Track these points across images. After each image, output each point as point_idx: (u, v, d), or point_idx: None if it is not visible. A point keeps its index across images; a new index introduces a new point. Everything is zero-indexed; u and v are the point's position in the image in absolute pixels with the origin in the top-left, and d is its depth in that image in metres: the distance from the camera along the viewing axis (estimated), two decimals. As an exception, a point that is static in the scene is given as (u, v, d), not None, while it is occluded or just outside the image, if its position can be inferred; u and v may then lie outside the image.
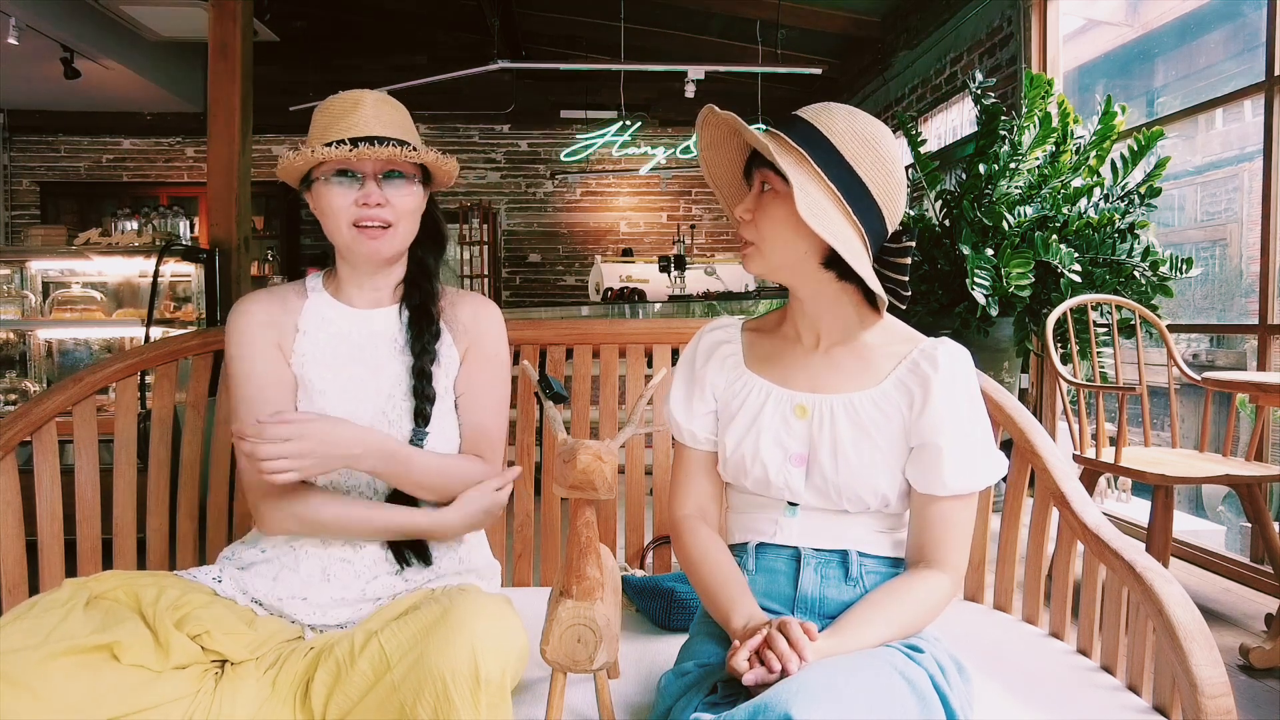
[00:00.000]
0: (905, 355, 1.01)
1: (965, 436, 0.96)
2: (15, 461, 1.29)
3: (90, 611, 0.96)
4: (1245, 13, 3.47)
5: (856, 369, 1.02)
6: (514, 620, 0.96)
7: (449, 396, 1.22)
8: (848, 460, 0.99)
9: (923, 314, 3.50)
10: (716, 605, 0.98)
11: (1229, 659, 2.08)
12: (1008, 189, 3.27)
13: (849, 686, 0.79)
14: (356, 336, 1.20)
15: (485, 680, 0.87)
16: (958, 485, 0.96)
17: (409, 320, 1.21)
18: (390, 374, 1.18)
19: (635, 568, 1.54)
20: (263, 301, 1.21)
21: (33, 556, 1.30)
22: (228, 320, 1.19)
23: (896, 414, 0.99)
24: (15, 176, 7.57)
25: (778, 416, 1.03)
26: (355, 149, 1.10)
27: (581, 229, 7.89)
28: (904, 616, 0.94)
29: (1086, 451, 2.52)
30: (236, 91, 3.72)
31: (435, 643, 0.89)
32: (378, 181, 1.14)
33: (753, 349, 1.10)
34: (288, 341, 1.20)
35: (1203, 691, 0.86)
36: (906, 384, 1.00)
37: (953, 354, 1.00)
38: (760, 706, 0.76)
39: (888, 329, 1.05)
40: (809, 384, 1.04)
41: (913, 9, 5.42)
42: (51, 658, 0.87)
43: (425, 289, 1.23)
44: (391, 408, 1.17)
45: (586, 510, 0.95)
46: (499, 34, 6.14)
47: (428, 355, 1.19)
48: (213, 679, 0.98)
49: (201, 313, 3.63)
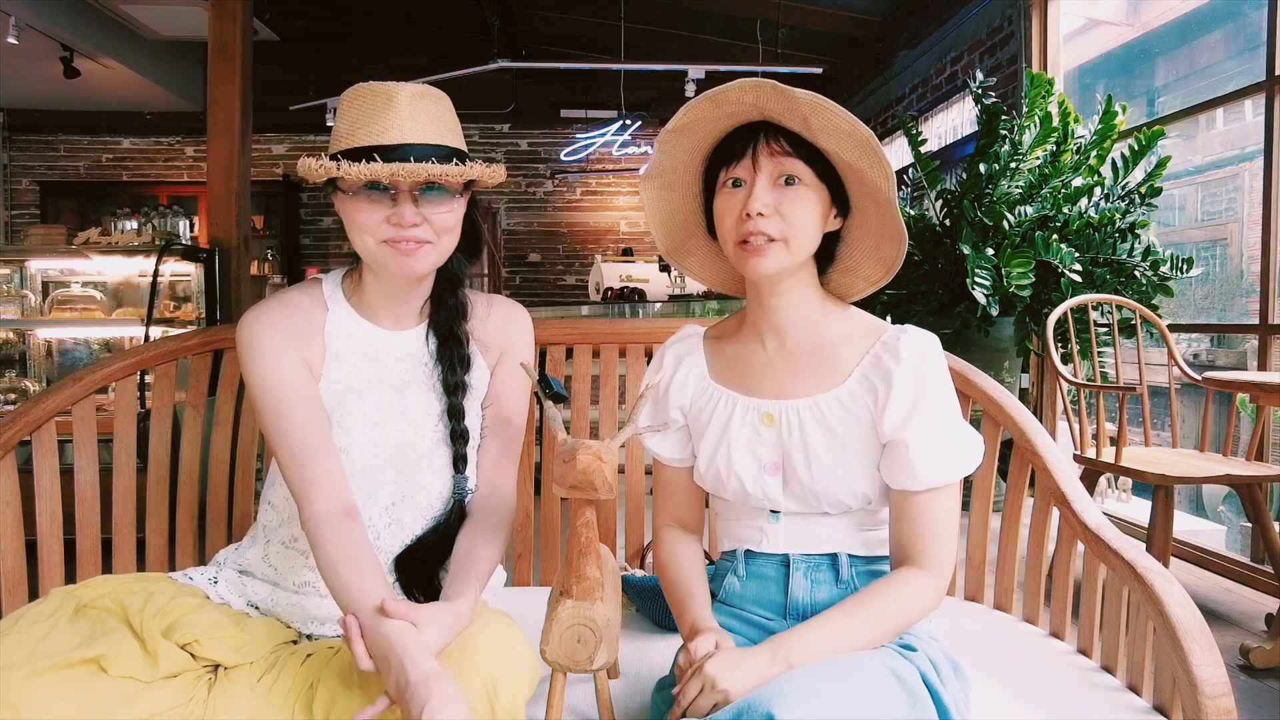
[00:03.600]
0: (869, 349, 0.99)
1: (932, 428, 0.93)
2: (15, 461, 1.29)
3: (77, 623, 0.94)
4: (1246, 12, 3.47)
5: (820, 369, 1.00)
6: (524, 649, 0.97)
7: (478, 422, 1.15)
8: (821, 464, 0.97)
9: (923, 314, 3.50)
10: (675, 614, 1.03)
11: (1229, 659, 2.08)
12: (1008, 189, 3.27)
13: (834, 687, 0.79)
14: (383, 358, 1.10)
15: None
16: (930, 478, 0.94)
17: (438, 350, 1.11)
18: (417, 401, 1.09)
19: (635, 568, 1.53)
20: (278, 314, 1.07)
21: (32, 556, 1.30)
22: (240, 335, 1.06)
23: (864, 411, 0.97)
24: (15, 176, 7.57)
25: (747, 426, 1.01)
26: (387, 166, 0.95)
27: (581, 228, 7.89)
28: (883, 622, 0.92)
29: (1087, 451, 2.52)
30: (236, 91, 3.72)
31: None
32: (414, 198, 1.00)
33: (715, 359, 1.08)
34: (315, 361, 1.07)
35: (1203, 691, 0.86)
36: (870, 379, 0.97)
37: (915, 342, 0.96)
38: (743, 707, 0.77)
39: (851, 319, 1.03)
40: (774, 390, 1.01)
41: (913, 8, 5.41)
42: (37, 674, 0.85)
43: (452, 305, 1.13)
44: (420, 439, 1.09)
45: (586, 510, 0.95)
46: (499, 33, 6.13)
47: (463, 391, 1.10)
48: (205, 686, 0.95)
49: (201, 312, 3.63)
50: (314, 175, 0.99)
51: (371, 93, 1.01)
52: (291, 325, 1.07)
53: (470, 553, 1.03)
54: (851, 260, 1.04)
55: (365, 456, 1.07)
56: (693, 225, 1.10)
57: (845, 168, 0.96)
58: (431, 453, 1.09)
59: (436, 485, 1.10)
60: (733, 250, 0.98)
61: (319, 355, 1.08)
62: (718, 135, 1.00)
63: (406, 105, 1.00)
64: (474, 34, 6.76)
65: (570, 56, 6.64)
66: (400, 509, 1.09)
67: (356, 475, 1.06)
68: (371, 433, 1.07)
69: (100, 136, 7.58)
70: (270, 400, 1.03)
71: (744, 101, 0.93)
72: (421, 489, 1.09)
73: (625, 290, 5.93)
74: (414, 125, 1.00)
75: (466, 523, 1.09)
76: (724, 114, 0.96)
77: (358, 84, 1.02)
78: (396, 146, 0.98)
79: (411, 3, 6.70)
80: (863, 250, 1.02)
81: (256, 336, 1.05)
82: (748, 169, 0.96)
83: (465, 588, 0.97)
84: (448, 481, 1.10)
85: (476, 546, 1.04)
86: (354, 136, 0.99)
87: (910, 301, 3.59)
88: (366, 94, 1.01)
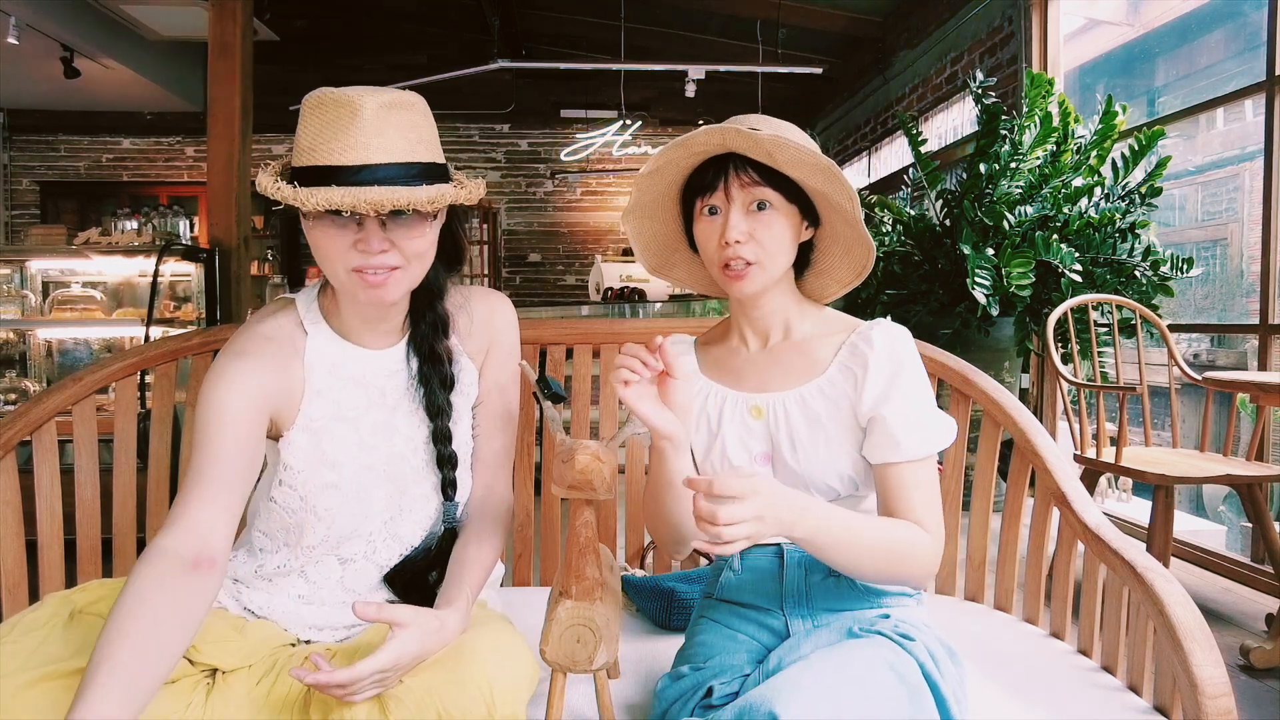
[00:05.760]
0: (844, 341, 1.06)
1: (909, 403, 0.99)
2: (15, 461, 1.29)
3: (71, 630, 0.92)
4: (1246, 12, 3.47)
5: (800, 363, 1.06)
6: (523, 655, 0.96)
7: (469, 429, 1.12)
8: (807, 451, 1.02)
9: (923, 314, 3.50)
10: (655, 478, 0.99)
11: (1229, 659, 2.08)
12: (1008, 188, 3.27)
13: (835, 682, 0.80)
14: (372, 379, 1.06)
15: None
16: (911, 449, 0.97)
17: (419, 372, 1.06)
18: (408, 415, 1.06)
19: (635, 568, 1.53)
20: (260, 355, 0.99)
21: (33, 556, 1.30)
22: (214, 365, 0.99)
23: (844, 397, 1.03)
24: (15, 176, 7.57)
25: (736, 419, 1.07)
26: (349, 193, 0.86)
27: (581, 229, 7.89)
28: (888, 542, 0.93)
29: (1087, 451, 2.52)
30: (236, 91, 3.73)
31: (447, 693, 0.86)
32: (382, 223, 0.92)
33: (705, 359, 1.14)
34: (289, 405, 1.01)
35: (1203, 691, 0.86)
36: (849, 366, 1.03)
37: (888, 331, 1.03)
38: (745, 707, 0.77)
39: (826, 319, 1.10)
40: (759, 385, 1.07)
41: (913, 8, 5.41)
42: (31, 684, 0.83)
43: (431, 320, 1.07)
44: (413, 453, 1.06)
45: (586, 510, 0.95)
46: (499, 33, 6.13)
47: (446, 414, 1.05)
48: (203, 691, 0.93)
49: (201, 312, 3.63)
50: (271, 195, 0.90)
51: (334, 103, 0.91)
52: (268, 362, 0.99)
53: (463, 557, 1.02)
54: (824, 264, 1.12)
55: (359, 481, 1.03)
56: (675, 244, 1.17)
57: (811, 191, 1.03)
58: (424, 469, 1.07)
59: (434, 498, 1.08)
60: (718, 274, 1.05)
61: (298, 389, 1.01)
62: (690, 169, 1.06)
63: (372, 119, 0.90)
64: (474, 34, 6.77)
65: (570, 56, 6.64)
66: (397, 523, 1.07)
67: (349, 501, 1.03)
68: (364, 455, 1.04)
69: (100, 136, 7.59)
70: (201, 424, 0.95)
71: (711, 143, 1.00)
72: (419, 501, 1.07)
73: (625, 290, 5.94)
74: (379, 143, 0.90)
75: (461, 524, 1.08)
76: (694, 154, 1.03)
77: (320, 90, 0.93)
78: (359, 168, 0.89)
79: (411, 3, 6.70)
80: (834, 256, 1.10)
81: (227, 367, 0.97)
82: (721, 198, 1.02)
83: (456, 595, 0.96)
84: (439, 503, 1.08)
85: (470, 549, 1.03)
86: (314, 153, 0.91)
87: (910, 301, 3.59)
88: (329, 104, 0.91)
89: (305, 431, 1.02)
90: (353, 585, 1.06)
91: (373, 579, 1.07)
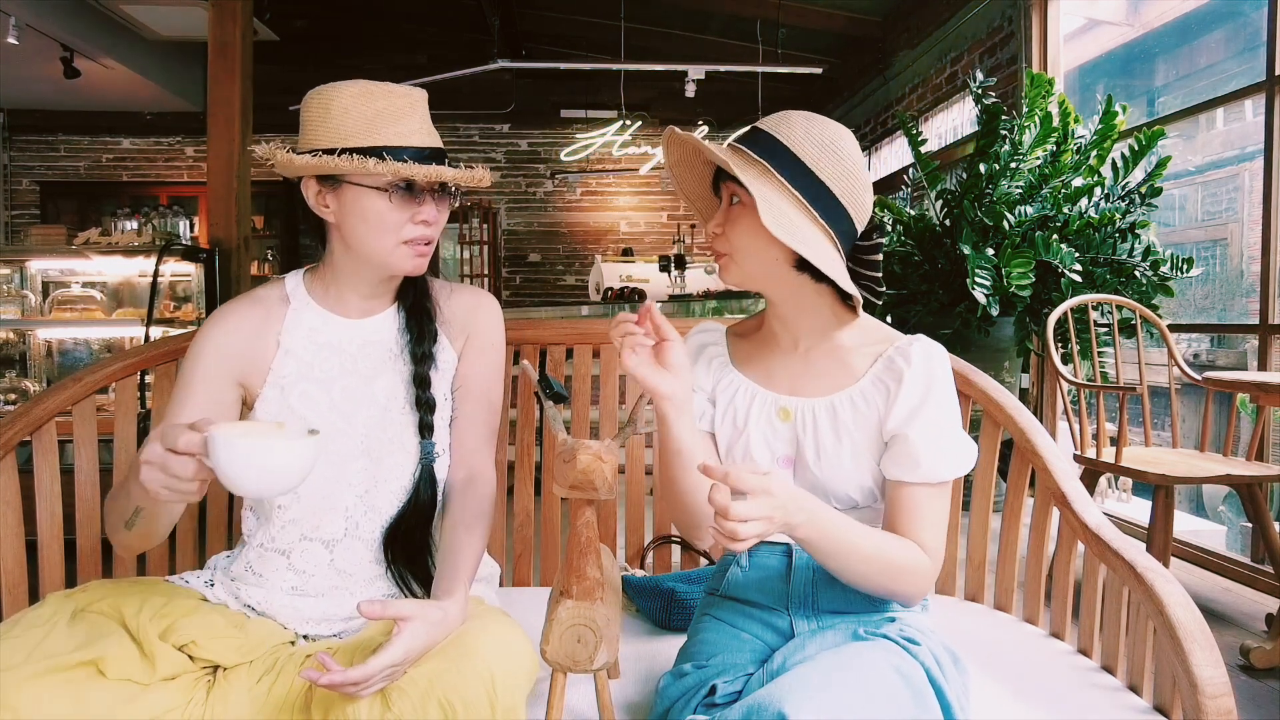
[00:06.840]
0: (881, 353, 1.04)
1: (935, 426, 0.97)
2: (15, 461, 1.29)
3: (74, 627, 0.94)
4: (1246, 12, 3.47)
5: (834, 370, 1.05)
6: (523, 646, 0.97)
7: (448, 405, 1.16)
8: (831, 460, 1.01)
9: (923, 314, 3.50)
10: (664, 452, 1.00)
11: (1229, 659, 2.08)
12: (1008, 188, 3.27)
13: (842, 684, 0.80)
14: (348, 346, 1.13)
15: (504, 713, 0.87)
16: (929, 471, 0.97)
17: (405, 322, 1.14)
18: (385, 384, 1.12)
19: (635, 568, 1.54)
20: (243, 315, 1.12)
21: (33, 556, 1.30)
22: (203, 325, 1.12)
23: (873, 410, 1.01)
24: (15, 176, 7.57)
25: (763, 418, 1.06)
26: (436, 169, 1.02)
27: (581, 229, 7.89)
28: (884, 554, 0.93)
29: (1087, 451, 2.52)
30: (236, 91, 3.73)
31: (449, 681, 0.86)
32: (434, 199, 1.07)
33: (737, 351, 1.12)
34: (261, 363, 1.11)
35: (1203, 691, 0.86)
36: (883, 379, 1.02)
37: (927, 350, 1.02)
38: (754, 706, 0.77)
39: (864, 329, 1.08)
40: (790, 386, 1.06)
41: (913, 8, 5.41)
42: (34, 677, 0.85)
43: (420, 284, 1.17)
44: (389, 421, 1.10)
45: (586, 510, 0.95)
46: (499, 33, 6.13)
47: (428, 361, 1.13)
48: (204, 688, 0.95)
49: (201, 312, 3.64)
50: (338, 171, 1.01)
51: (388, 93, 1.04)
52: (243, 322, 1.11)
53: (453, 545, 1.04)
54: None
55: (334, 445, 1.08)
56: None
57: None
58: (401, 435, 1.10)
59: (409, 467, 1.11)
60: None
61: (270, 348, 1.11)
62: None
63: (423, 110, 1.05)
64: (474, 34, 6.76)
65: (570, 56, 6.63)
66: (374, 495, 1.09)
67: (325, 465, 1.06)
68: (340, 421, 1.08)
69: (100, 136, 7.59)
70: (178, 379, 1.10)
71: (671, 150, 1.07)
72: (395, 471, 1.10)
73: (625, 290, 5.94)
74: (429, 130, 1.06)
75: (447, 512, 1.10)
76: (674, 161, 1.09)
77: (353, 81, 1.04)
78: (430, 150, 1.04)
79: (411, 3, 6.70)
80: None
81: (206, 326, 1.11)
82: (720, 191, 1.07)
83: (454, 585, 0.98)
84: (418, 458, 1.11)
85: (459, 536, 1.05)
86: (374, 135, 1.01)
87: (910, 301, 3.59)
88: (380, 94, 1.04)
89: (275, 388, 1.10)
90: (344, 567, 1.08)
91: (362, 556, 1.09)
